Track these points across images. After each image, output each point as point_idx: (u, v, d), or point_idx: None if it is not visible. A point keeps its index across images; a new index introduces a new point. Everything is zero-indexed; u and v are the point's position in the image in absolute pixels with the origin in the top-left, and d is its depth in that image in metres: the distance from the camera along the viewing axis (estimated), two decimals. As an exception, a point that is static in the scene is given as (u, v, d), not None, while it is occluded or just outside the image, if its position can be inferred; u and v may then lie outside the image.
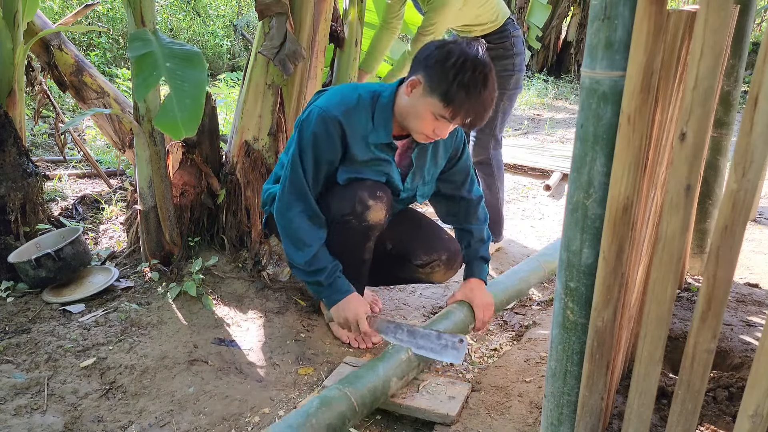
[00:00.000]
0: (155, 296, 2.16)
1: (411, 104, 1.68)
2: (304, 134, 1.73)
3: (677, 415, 1.02)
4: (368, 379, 1.60)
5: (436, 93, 1.60)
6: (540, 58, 10.02)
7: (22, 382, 1.66)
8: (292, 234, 1.75)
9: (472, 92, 1.59)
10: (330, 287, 1.75)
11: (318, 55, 2.43)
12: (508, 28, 2.72)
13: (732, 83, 2.14)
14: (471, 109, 1.62)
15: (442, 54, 1.61)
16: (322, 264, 1.73)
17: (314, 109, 1.73)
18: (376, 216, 1.77)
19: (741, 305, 2.06)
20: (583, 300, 1.07)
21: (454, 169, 1.98)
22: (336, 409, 1.47)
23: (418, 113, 1.67)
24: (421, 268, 1.97)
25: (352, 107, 1.72)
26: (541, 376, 1.79)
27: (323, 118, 1.70)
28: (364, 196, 1.74)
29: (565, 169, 4.19)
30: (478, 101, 1.61)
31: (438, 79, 1.60)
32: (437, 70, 1.60)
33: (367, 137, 1.74)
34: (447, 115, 1.62)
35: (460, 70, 1.57)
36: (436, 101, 1.61)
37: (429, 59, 1.63)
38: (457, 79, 1.57)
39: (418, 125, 1.69)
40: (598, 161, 0.98)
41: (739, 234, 0.86)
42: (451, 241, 1.98)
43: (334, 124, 1.70)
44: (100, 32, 6.79)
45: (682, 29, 0.97)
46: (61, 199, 3.20)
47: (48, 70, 2.72)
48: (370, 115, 1.74)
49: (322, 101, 1.75)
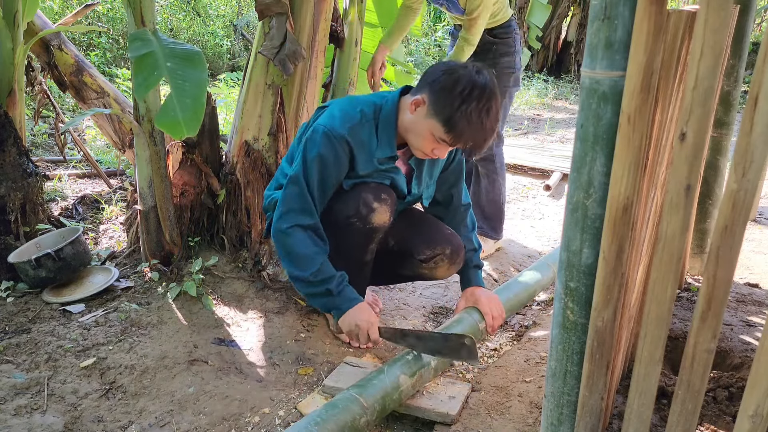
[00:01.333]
0: (155, 296, 2.16)
1: (413, 122, 1.70)
2: (310, 154, 1.72)
3: (677, 415, 1.02)
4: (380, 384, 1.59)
5: (439, 117, 1.62)
6: (540, 58, 10.02)
7: (22, 382, 1.66)
8: (295, 251, 1.71)
9: (474, 122, 1.61)
10: (339, 296, 1.73)
11: (318, 55, 2.43)
12: (512, 24, 2.78)
13: (732, 83, 2.14)
14: (472, 138, 1.65)
15: (450, 81, 1.62)
16: (329, 273, 1.71)
17: (318, 127, 1.72)
18: (380, 218, 1.77)
19: (741, 305, 2.06)
20: (583, 300, 1.07)
21: (450, 168, 2.00)
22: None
23: (420, 132, 1.69)
24: (425, 263, 1.96)
25: (356, 123, 1.73)
26: (541, 376, 1.79)
27: (329, 137, 1.70)
28: (369, 198, 1.75)
29: (565, 169, 4.19)
30: (480, 131, 1.64)
31: (442, 104, 1.61)
32: (443, 95, 1.61)
33: (373, 153, 1.75)
34: (448, 140, 1.65)
35: (465, 99, 1.59)
36: (438, 125, 1.63)
37: (436, 83, 1.64)
38: (461, 108, 1.59)
39: (418, 143, 1.71)
40: (598, 161, 0.98)
41: (739, 234, 0.86)
42: (453, 236, 1.98)
43: (341, 143, 1.70)
44: (100, 32, 6.80)
45: (682, 29, 0.97)
46: (61, 199, 3.20)
47: (48, 70, 2.72)
48: (374, 130, 1.75)
49: (324, 119, 1.75)
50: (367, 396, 1.52)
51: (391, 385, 1.58)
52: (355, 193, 1.76)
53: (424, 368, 1.69)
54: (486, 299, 1.94)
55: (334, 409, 1.45)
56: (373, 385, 1.56)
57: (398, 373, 1.62)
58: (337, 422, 1.42)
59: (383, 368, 1.64)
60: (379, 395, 1.55)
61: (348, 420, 1.45)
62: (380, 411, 1.54)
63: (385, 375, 1.60)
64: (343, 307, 1.73)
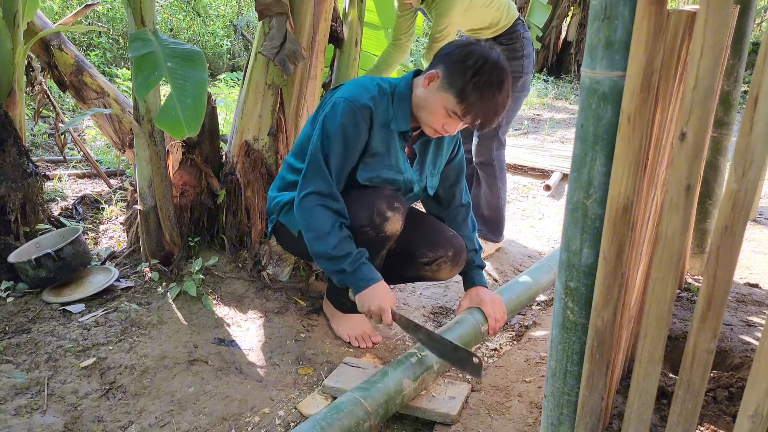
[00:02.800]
0: (155, 296, 2.16)
1: (426, 97, 1.72)
2: (331, 126, 1.73)
3: (677, 415, 1.02)
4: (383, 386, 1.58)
5: (451, 89, 1.65)
6: (540, 58, 10.02)
7: (22, 382, 1.66)
8: (315, 225, 1.71)
9: (486, 94, 1.64)
10: (353, 274, 1.71)
11: (318, 55, 2.43)
12: (518, 29, 2.71)
13: (732, 83, 2.14)
14: (482, 111, 1.67)
15: (462, 53, 1.66)
16: (347, 250, 1.70)
17: (339, 100, 1.74)
18: (393, 227, 1.78)
19: (741, 305, 2.06)
20: (583, 300, 1.07)
21: (452, 164, 2.00)
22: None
23: (432, 107, 1.71)
24: (428, 266, 1.96)
25: (376, 95, 1.76)
26: (541, 376, 1.79)
27: (352, 107, 1.72)
28: (383, 207, 1.75)
29: (565, 169, 4.19)
30: (491, 104, 1.66)
31: (456, 76, 1.65)
32: (456, 67, 1.65)
33: (388, 124, 1.77)
34: (459, 112, 1.67)
35: (478, 71, 1.63)
36: (451, 97, 1.66)
37: (450, 56, 1.68)
38: (473, 79, 1.62)
39: (430, 118, 1.73)
40: (598, 161, 0.98)
41: (739, 234, 0.86)
42: (455, 237, 1.98)
43: (363, 111, 1.72)
44: (100, 32, 6.80)
45: (682, 29, 0.97)
46: (61, 199, 3.20)
47: (48, 70, 2.72)
48: (390, 105, 1.78)
49: (343, 93, 1.77)
50: (371, 400, 1.51)
51: (395, 389, 1.57)
52: (368, 202, 1.76)
53: (427, 372, 1.68)
54: (490, 301, 1.94)
55: (338, 413, 1.44)
56: (378, 389, 1.55)
57: (402, 377, 1.61)
58: (341, 427, 1.41)
59: (387, 371, 1.63)
60: (383, 399, 1.53)
61: (352, 425, 1.43)
62: (383, 415, 1.53)
63: (389, 378, 1.59)
64: (361, 285, 1.71)
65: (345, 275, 1.72)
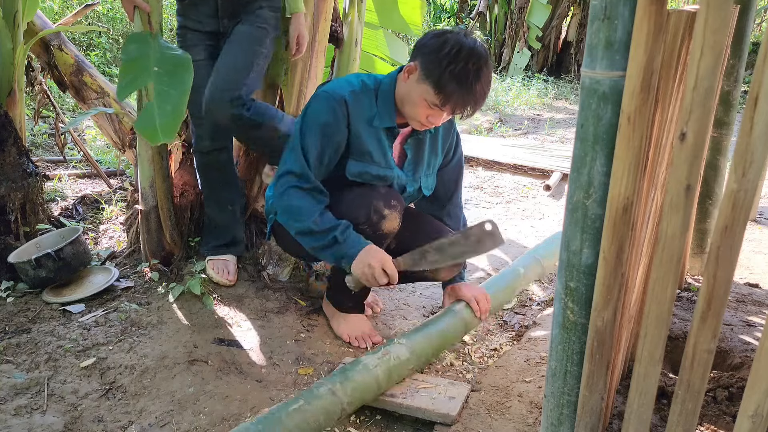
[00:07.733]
0: (155, 296, 2.16)
1: (407, 90, 1.72)
2: (308, 115, 1.74)
3: (677, 415, 1.02)
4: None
5: (429, 80, 1.64)
6: (540, 58, 10.01)
7: (22, 382, 1.66)
8: (293, 205, 1.71)
9: (463, 83, 1.62)
10: (346, 243, 1.69)
11: (318, 55, 2.43)
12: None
13: (732, 83, 2.14)
14: (461, 100, 1.65)
15: (437, 42, 1.65)
16: (332, 222, 1.70)
17: (320, 93, 1.76)
18: (390, 225, 1.78)
19: (741, 305, 2.06)
20: (583, 300, 1.07)
21: (449, 166, 2.00)
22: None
23: (413, 99, 1.70)
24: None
25: (358, 90, 1.76)
26: (541, 376, 1.79)
27: (328, 98, 1.72)
28: (380, 205, 1.75)
29: (565, 169, 4.19)
30: (470, 92, 1.64)
31: (432, 66, 1.63)
32: (432, 57, 1.64)
33: (371, 120, 1.77)
34: (438, 103, 1.65)
35: (453, 59, 1.61)
36: (429, 88, 1.64)
37: (425, 47, 1.67)
38: (449, 68, 1.61)
39: (413, 111, 1.72)
40: (598, 161, 0.98)
41: (739, 234, 0.86)
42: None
43: (339, 103, 1.72)
44: (100, 32, 6.79)
45: (682, 29, 0.97)
46: (61, 199, 3.20)
47: (48, 70, 2.72)
48: (374, 101, 1.77)
49: (326, 86, 1.79)
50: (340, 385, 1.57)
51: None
52: (365, 200, 1.75)
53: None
54: (466, 288, 1.98)
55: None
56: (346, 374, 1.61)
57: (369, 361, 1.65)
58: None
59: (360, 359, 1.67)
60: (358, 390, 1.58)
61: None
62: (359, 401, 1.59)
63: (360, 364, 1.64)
64: (352, 252, 1.69)
65: (337, 246, 1.69)
